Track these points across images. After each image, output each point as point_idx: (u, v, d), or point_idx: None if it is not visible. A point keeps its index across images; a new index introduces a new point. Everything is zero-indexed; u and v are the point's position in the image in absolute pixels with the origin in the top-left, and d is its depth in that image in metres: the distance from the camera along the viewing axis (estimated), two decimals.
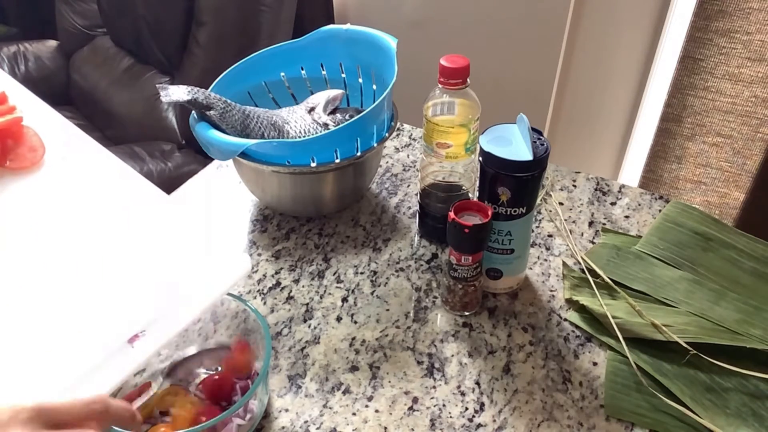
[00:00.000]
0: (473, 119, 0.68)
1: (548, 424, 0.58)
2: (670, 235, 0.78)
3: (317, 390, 0.61)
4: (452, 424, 0.58)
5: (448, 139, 0.68)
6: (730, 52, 1.35)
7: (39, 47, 1.97)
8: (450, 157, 0.70)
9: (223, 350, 0.62)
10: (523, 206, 0.64)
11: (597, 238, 0.79)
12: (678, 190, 1.56)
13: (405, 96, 0.89)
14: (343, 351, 0.65)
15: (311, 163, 0.72)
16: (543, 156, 0.61)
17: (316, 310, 0.70)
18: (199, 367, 0.62)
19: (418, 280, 0.73)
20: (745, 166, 1.45)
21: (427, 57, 1.75)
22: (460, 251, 0.64)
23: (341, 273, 0.74)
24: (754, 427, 0.58)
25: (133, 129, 1.72)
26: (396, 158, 0.93)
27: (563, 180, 0.89)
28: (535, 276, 0.74)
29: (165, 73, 1.75)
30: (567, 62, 1.64)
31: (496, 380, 0.62)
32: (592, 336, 0.67)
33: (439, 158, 0.70)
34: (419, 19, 1.71)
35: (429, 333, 0.67)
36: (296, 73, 0.87)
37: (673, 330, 0.65)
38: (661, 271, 0.73)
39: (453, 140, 0.68)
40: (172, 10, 1.65)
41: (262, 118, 0.77)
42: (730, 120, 1.42)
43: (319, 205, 0.81)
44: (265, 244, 0.78)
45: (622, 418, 0.59)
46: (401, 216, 0.83)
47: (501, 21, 1.63)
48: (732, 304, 0.69)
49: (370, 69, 0.83)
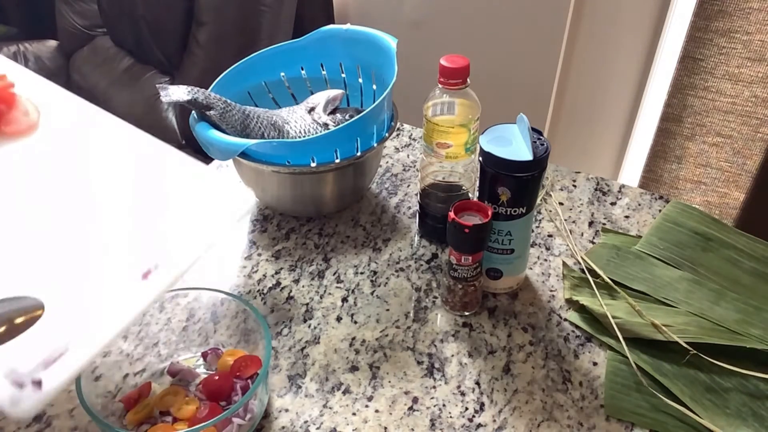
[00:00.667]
0: (473, 119, 0.68)
1: (548, 424, 0.58)
2: (670, 235, 0.78)
3: (317, 390, 0.61)
4: (452, 424, 0.58)
5: (448, 139, 0.68)
6: (730, 52, 1.35)
7: (39, 47, 1.97)
8: (450, 157, 0.70)
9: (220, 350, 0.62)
10: (523, 206, 0.64)
11: (597, 238, 0.79)
12: (678, 190, 1.56)
13: (405, 96, 0.89)
14: (343, 351, 0.65)
15: (311, 163, 0.72)
16: (543, 156, 0.61)
17: (316, 310, 0.70)
18: (199, 367, 0.62)
19: (418, 280, 0.73)
20: (745, 166, 1.45)
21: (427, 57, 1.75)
22: (460, 251, 0.64)
23: (341, 273, 0.74)
24: (754, 427, 0.58)
25: None
26: (396, 158, 0.93)
27: (563, 180, 0.89)
28: (535, 276, 0.74)
29: (165, 73, 1.75)
30: (567, 62, 1.63)
31: (496, 380, 0.62)
32: (592, 336, 0.67)
33: (439, 158, 0.70)
34: (419, 19, 1.71)
35: (429, 333, 0.67)
36: (296, 73, 0.87)
37: (673, 330, 0.65)
38: (661, 271, 0.73)
39: (453, 140, 0.68)
40: (172, 10, 1.65)
41: (262, 118, 0.77)
42: (730, 120, 1.42)
43: (319, 205, 0.81)
44: (265, 244, 0.78)
45: (622, 418, 0.59)
46: (401, 216, 0.83)
47: (501, 21, 1.63)
48: (732, 304, 0.69)
49: (370, 69, 0.83)
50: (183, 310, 0.64)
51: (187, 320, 0.64)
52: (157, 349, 0.62)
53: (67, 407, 0.59)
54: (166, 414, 0.56)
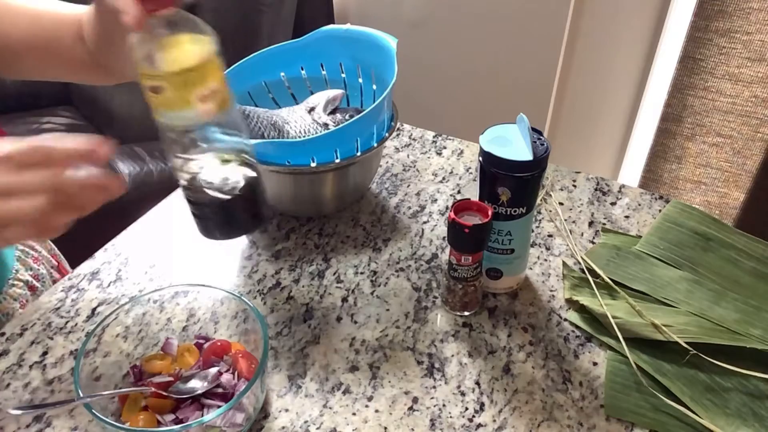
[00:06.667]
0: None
1: (548, 424, 0.58)
2: (670, 235, 0.78)
3: (317, 390, 0.61)
4: (452, 424, 0.58)
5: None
6: (730, 52, 1.35)
7: None
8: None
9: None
10: (523, 206, 0.64)
11: (597, 238, 0.79)
12: (678, 190, 1.56)
13: (405, 96, 0.89)
14: (343, 351, 0.65)
15: (311, 163, 0.72)
16: (543, 156, 0.61)
17: (316, 310, 0.70)
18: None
19: (418, 280, 0.73)
20: (745, 166, 1.45)
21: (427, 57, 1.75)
22: (460, 251, 0.64)
23: (341, 273, 0.74)
24: (754, 427, 0.58)
25: (133, 129, 1.72)
26: (396, 158, 0.93)
27: (563, 180, 0.89)
28: (535, 276, 0.74)
29: None
30: (567, 62, 1.64)
31: (496, 380, 0.62)
32: (592, 336, 0.67)
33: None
34: (419, 19, 1.71)
35: (429, 333, 0.67)
36: (296, 73, 0.87)
37: (673, 330, 0.65)
38: (661, 271, 0.73)
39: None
40: None
41: (262, 118, 0.77)
42: (730, 120, 1.42)
43: (319, 205, 0.81)
44: (265, 244, 0.78)
45: (622, 418, 0.59)
46: (401, 216, 0.83)
47: (501, 21, 1.63)
48: (732, 304, 0.69)
49: (370, 69, 0.83)
50: (183, 310, 0.64)
51: (187, 320, 0.64)
52: (157, 349, 0.62)
53: (67, 407, 0.59)
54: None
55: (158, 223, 0.82)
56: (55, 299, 0.71)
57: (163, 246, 0.78)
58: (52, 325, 0.68)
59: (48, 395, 0.61)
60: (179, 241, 0.79)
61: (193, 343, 0.62)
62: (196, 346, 0.62)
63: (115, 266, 0.75)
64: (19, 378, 0.62)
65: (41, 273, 0.81)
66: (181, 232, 0.80)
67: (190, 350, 0.61)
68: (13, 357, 0.64)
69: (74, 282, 0.73)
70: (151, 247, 0.78)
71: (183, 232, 0.80)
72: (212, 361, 0.60)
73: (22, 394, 0.61)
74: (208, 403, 0.56)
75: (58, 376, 0.62)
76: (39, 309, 0.70)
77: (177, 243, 0.79)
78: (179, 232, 0.80)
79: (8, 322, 0.69)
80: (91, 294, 0.72)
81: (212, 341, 0.62)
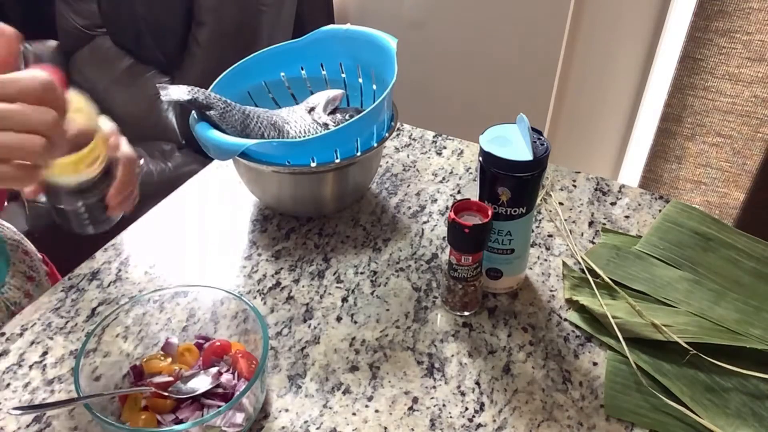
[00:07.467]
0: None
1: (548, 424, 0.58)
2: (670, 235, 0.78)
3: (317, 390, 0.61)
4: (452, 424, 0.58)
5: None
6: (730, 52, 1.35)
7: (39, 47, 1.97)
8: None
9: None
10: (523, 206, 0.64)
11: (597, 238, 0.79)
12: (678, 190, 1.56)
13: (405, 96, 0.89)
14: (343, 351, 0.65)
15: (311, 163, 0.72)
16: (543, 156, 0.61)
17: (316, 310, 0.70)
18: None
19: (418, 280, 0.73)
20: (745, 166, 1.45)
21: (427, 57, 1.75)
22: (460, 251, 0.64)
23: (341, 273, 0.74)
24: (754, 427, 0.58)
25: (133, 129, 1.71)
26: (396, 158, 0.93)
27: (563, 180, 0.89)
28: (535, 276, 0.74)
29: (165, 73, 1.75)
30: (567, 62, 1.64)
31: (496, 380, 0.62)
32: (592, 336, 0.67)
33: None
34: (419, 19, 1.71)
35: (429, 333, 0.67)
36: (296, 73, 0.87)
37: (673, 330, 0.65)
38: (661, 271, 0.74)
39: None
40: (172, 10, 1.65)
41: (262, 118, 0.77)
42: (730, 120, 1.42)
43: (319, 205, 0.81)
44: (265, 244, 0.78)
45: (622, 418, 0.59)
46: (401, 216, 0.83)
47: (501, 21, 1.63)
48: (732, 304, 0.69)
49: (370, 69, 0.83)
50: (183, 310, 0.64)
51: (187, 320, 0.64)
52: (157, 349, 0.62)
53: (67, 407, 0.59)
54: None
55: (158, 224, 0.82)
56: (55, 299, 0.71)
57: (163, 246, 0.78)
58: (52, 325, 0.68)
59: (48, 395, 0.61)
60: (179, 241, 0.79)
61: (193, 343, 0.62)
62: (196, 346, 0.62)
63: (115, 266, 0.75)
64: (19, 378, 0.62)
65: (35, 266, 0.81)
66: (181, 232, 0.80)
67: (190, 350, 0.61)
68: (13, 357, 0.64)
69: (74, 282, 0.73)
70: (151, 247, 0.78)
71: (183, 232, 0.80)
72: (212, 361, 0.60)
73: (22, 394, 0.61)
74: (208, 403, 0.56)
75: (58, 376, 0.62)
76: (39, 309, 0.70)
77: (177, 243, 0.79)
78: (179, 232, 0.80)
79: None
80: (91, 294, 0.72)
81: (212, 341, 0.62)
